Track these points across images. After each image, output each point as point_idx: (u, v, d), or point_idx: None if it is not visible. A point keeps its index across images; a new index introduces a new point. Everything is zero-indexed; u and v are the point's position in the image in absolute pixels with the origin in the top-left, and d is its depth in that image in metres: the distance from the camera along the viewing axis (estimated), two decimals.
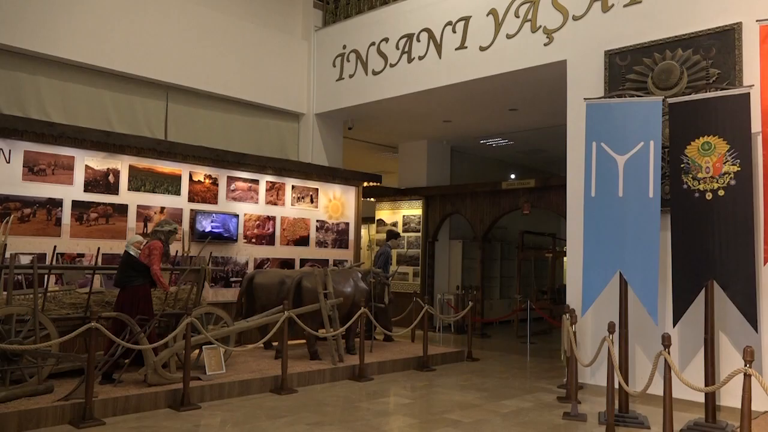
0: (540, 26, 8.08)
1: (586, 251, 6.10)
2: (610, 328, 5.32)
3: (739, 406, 3.85)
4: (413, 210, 13.10)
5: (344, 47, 10.74)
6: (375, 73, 10.20)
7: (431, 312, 8.83)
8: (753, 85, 5.68)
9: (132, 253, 6.31)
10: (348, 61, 10.66)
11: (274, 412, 5.77)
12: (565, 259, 10.39)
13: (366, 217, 13.50)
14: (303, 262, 10.10)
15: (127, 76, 8.83)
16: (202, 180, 8.95)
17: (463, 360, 8.98)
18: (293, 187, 10.16)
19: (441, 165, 13.65)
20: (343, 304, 7.91)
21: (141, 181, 8.28)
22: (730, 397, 5.77)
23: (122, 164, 8.13)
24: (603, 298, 6.12)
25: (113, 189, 8.01)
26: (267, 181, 9.79)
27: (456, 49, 9.07)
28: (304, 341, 8.07)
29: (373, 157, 15.31)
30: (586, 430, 5.44)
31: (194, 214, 8.70)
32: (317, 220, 10.47)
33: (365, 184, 11.63)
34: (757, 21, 5.59)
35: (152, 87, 9.17)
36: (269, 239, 9.74)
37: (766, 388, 3.72)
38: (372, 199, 13.74)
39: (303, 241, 10.23)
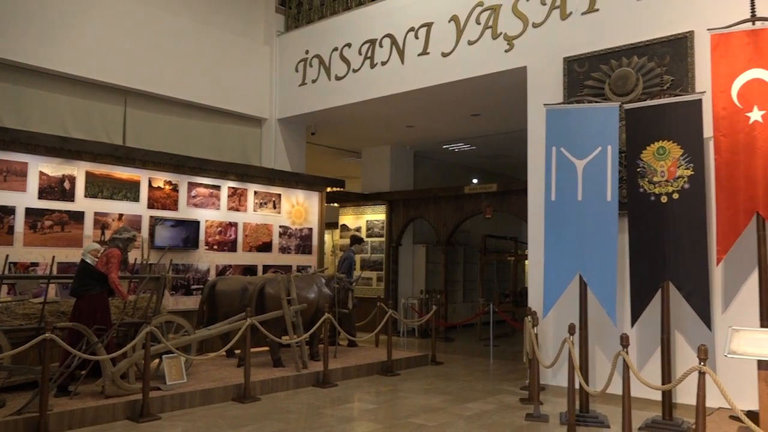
0: (501, 33, 8.20)
1: (546, 254, 6.20)
2: (571, 329, 5.41)
3: (695, 403, 3.95)
4: (377, 215, 13.11)
5: (307, 52, 10.71)
6: (338, 79, 10.19)
7: (395, 316, 8.84)
8: (705, 92, 5.86)
9: (89, 261, 6.15)
10: (311, 66, 10.63)
11: (237, 421, 5.69)
12: (526, 262, 10.53)
13: (329, 223, 13.48)
14: (266, 268, 10.01)
15: (84, 80, 8.62)
16: (162, 186, 8.79)
17: (427, 364, 9.02)
18: (256, 192, 10.07)
19: (404, 170, 13.70)
20: (306, 310, 7.86)
21: (98, 187, 8.09)
22: (686, 394, 5.91)
23: (78, 170, 7.93)
24: (563, 300, 6.22)
25: (69, 196, 7.80)
26: (229, 187, 9.68)
27: (419, 54, 9.13)
28: (267, 348, 7.98)
29: (336, 162, 15.28)
30: (548, 431, 5.51)
31: (154, 221, 8.54)
32: (280, 226, 10.39)
33: (328, 189, 11.61)
34: (708, 30, 5.77)
35: (110, 91, 8.98)
36: (231, 245, 9.62)
37: (720, 385, 3.83)
38: (335, 205, 13.70)
39: (266, 247, 10.13)
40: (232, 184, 9.72)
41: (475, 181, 15.43)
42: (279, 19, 11.36)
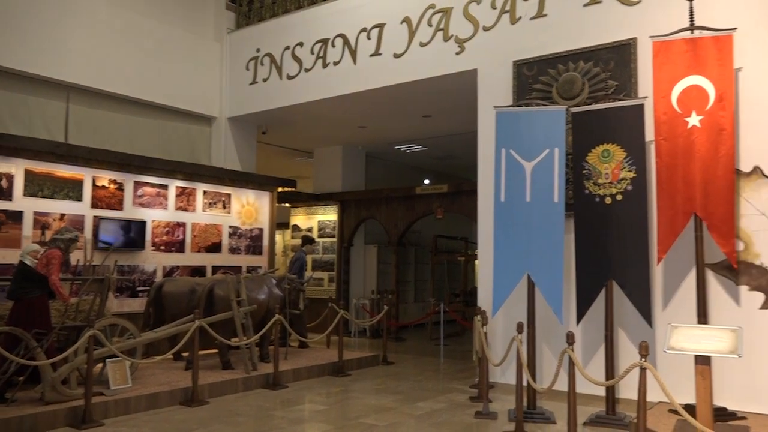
0: (452, 36, 8.28)
1: (496, 254, 6.29)
2: (519, 328, 5.51)
3: (636, 398, 4.08)
4: (328, 215, 13.06)
5: (258, 51, 10.58)
6: (290, 78, 10.11)
7: (347, 317, 8.82)
8: (647, 97, 6.07)
9: (28, 263, 5.91)
10: (262, 64, 10.51)
11: (184, 426, 5.57)
12: (476, 262, 10.67)
13: (281, 223, 13.34)
14: (215, 269, 9.83)
15: (23, 74, 8.29)
16: (107, 185, 8.53)
17: (379, 364, 9.03)
18: (205, 192, 9.88)
19: (356, 170, 13.69)
20: (257, 312, 7.76)
21: (38, 186, 7.79)
22: (628, 389, 6.09)
23: (17, 168, 7.60)
24: (512, 299, 6.33)
25: (6, 195, 7.48)
26: (177, 187, 9.47)
27: (371, 55, 9.14)
28: (216, 351, 7.84)
29: (287, 162, 15.15)
30: (497, 428, 5.60)
31: (97, 221, 8.28)
32: (230, 226, 10.23)
33: (280, 189, 11.49)
34: (650, 37, 5.97)
35: (51, 87, 8.66)
36: (179, 246, 9.41)
37: (660, 380, 3.97)
38: (287, 205, 13.58)
39: (215, 247, 9.96)
40: (180, 183, 9.51)
41: (426, 181, 15.54)
42: (230, 16, 11.19)
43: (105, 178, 8.51)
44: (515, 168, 6.25)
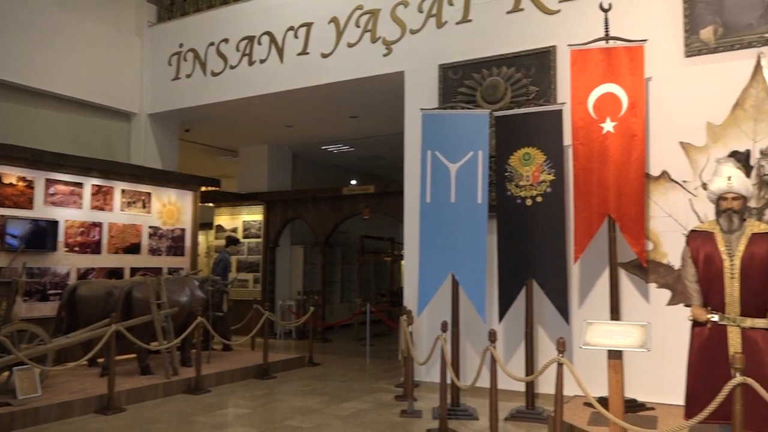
0: (379, 37, 8.33)
1: (421, 255, 6.37)
2: (443, 327, 5.60)
3: (554, 392, 4.23)
4: (254, 215, 12.84)
5: (181, 46, 10.27)
6: (214, 74, 9.87)
7: (272, 319, 8.70)
8: (565, 103, 6.31)
9: None
10: (185, 60, 10.21)
11: None
12: (402, 262, 10.77)
13: (204, 223, 12.98)
14: (134, 271, 9.45)
15: None
16: (15, 183, 8.04)
17: (305, 365, 8.96)
18: (123, 191, 9.48)
19: (282, 170, 13.53)
20: (178, 314, 7.52)
21: None
22: (547, 384, 6.31)
23: None
24: (437, 298, 6.42)
25: None
26: (93, 185, 9.04)
27: (298, 54, 9.06)
28: (134, 355, 7.55)
29: (211, 160, 14.78)
30: (421, 426, 5.67)
31: (4, 220, 7.79)
32: (150, 227, 9.87)
33: (203, 188, 11.18)
34: (568, 45, 6.22)
35: None
36: (95, 247, 8.99)
37: (575, 374, 4.13)
38: (210, 204, 13.24)
39: (134, 248, 9.58)
40: (96, 181, 9.08)
41: (353, 182, 15.55)
42: (151, 9, 10.80)
43: (13, 175, 8.01)
44: (441, 170, 6.36)
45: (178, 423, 5.76)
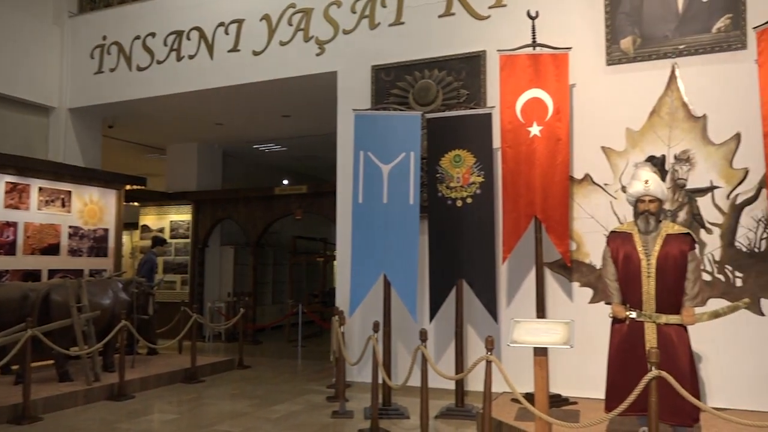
0: (312, 36, 8.28)
1: (353, 255, 6.38)
2: (375, 327, 5.63)
3: (483, 390, 4.32)
4: (182, 215, 12.49)
5: (104, 38, 9.86)
6: (140, 69, 9.54)
7: (200, 321, 8.49)
8: (494, 107, 6.47)
9: None
10: (109, 53, 9.82)
11: None
12: (335, 262, 10.75)
13: (129, 223, 12.53)
14: (52, 273, 8.99)
15: None
16: None
17: (234, 368, 8.79)
18: (41, 189, 9.00)
19: (212, 169, 13.22)
20: (100, 318, 7.21)
21: None
22: (476, 382, 6.44)
23: None
24: (369, 299, 6.44)
25: None
26: (6, 182, 8.53)
27: (229, 51, 8.88)
28: (52, 361, 7.18)
29: (137, 158, 14.27)
30: (353, 426, 5.67)
31: None
32: (70, 226, 9.41)
33: (128, 187, 10.77)
34: (497, 51, 6.38)
35: None
36: (9, 248, 8.50)
37: (503, 371, 4.24)
38: (136, 204, 12.79)
39: (52, 249, 9.11)
40: (10, 178, 8.57)
41: (285, 182, 15.39)
42: None
43: None
44: (373, 170, 6.38)
45: (99, 431, 5.53)
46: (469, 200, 6.31)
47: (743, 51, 5.97)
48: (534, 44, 6.20)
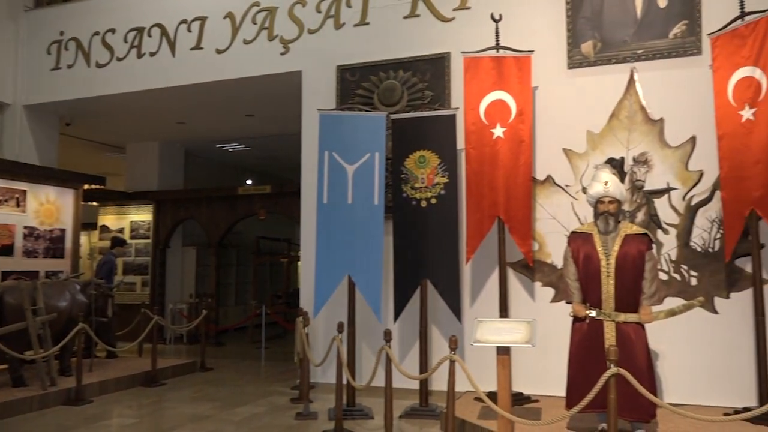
0: (277, 35, 8.22)
1: (318, 255, 6.35)
2: (339, 327, 5.61)
3: (447, 389, 4.35)
4: (142, 215, 12.24)
5: (62, 34, 9.62)
6: (99, 66, 9.33)
7: (161, 323, 8.34)
8: (458, 108, 6.52)
9: None
10: (66, 49, 9.57)
11: None
12: (299, 263, 10.68)
13: (87, 223, 12.23)
14: (6, 274, 8.71)
15: None
16: None
17: (196, 371, 8.65)
18: None
19: (174, 168, 13.00)
20: (57, 320, 7.01)
21: None
22: (440, 381, 6.47)
23: None
24: (334, 299, 6.42)
25: None
26: None
27: (191, 49, 8.76)
28: (5, 366, 6.96)
29: (96, 157, 13.93)
30: (317, 428, 5.64)
31: None
32: (25, 227, 9.13)
33: (86, 186, 10.51)
34: (462, 53, 6.43)
35: None
36: None
37: (466, 370, 4.28)
38: (95, 203, 12.49)
39: (6, 250, 8.82)
40: None
41: (249, 182, 15.24)
42: None
43: None
44: (338, 170, 6.36)
45: None
46: (433, 201, 6.35)
47: (698, 56, 6.15)
48: (497, 47, 6.27)
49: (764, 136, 5.19)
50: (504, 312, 6.05)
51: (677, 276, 6.08)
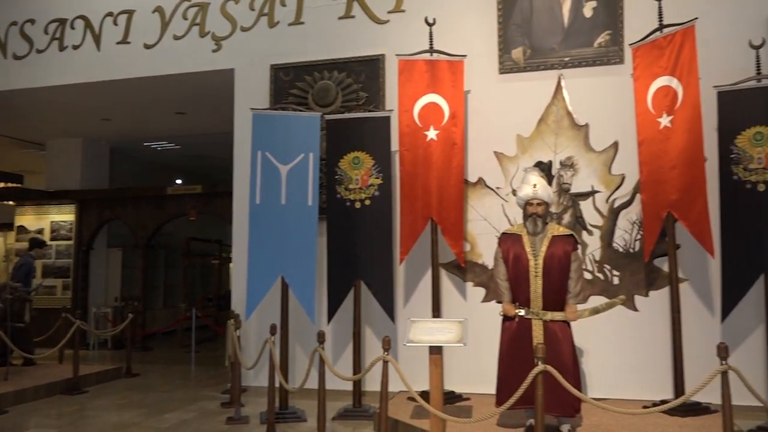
0: (209, 32, 8.04)
1: (250, 257, 6.25)
2: (272, 330, 5.54)
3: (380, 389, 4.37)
4: (64, 215, 11.69)
5: None
6: (17, 58, 8.87)
7: (84, 328, 8.00)
8: (392, 110, 6.56)
9: None
10: None
11: None
12: (231, 265, 10.49)
13: (3, 224, 11.60)
14: None
15: None
16: None
17: (122, 377, 8.35)
18: None
19: (99, 167, 12.47)
20: None
21: None
22: (374, 382, 6.48)
23: None
24: (266, 301, 6.32)
25: None
26: None
27: (118, 43, 8.45)
28: None
29: (13, 153, 13.19)
30: None
31: None
32: None
33: (2, 184, 9.96)
34: (396, 55, 6.47)
35: None
36: None
37: (399, 370, 4.31)
38: (11, 203, 11.84)
39: None
40: None
41: (179, 181, 14.83)
42: None
43: None
44: (271, 171, 6.28)
45: None
46: (367, 202, 6.36)
47: (621, 65, 6.43)
48: (431, 50, 6.35)
49: (680, 142, 5.49)
50: (436, 312, 6.13)
51: (601, 275, 6.34)
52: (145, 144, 12.66)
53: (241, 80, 7.79)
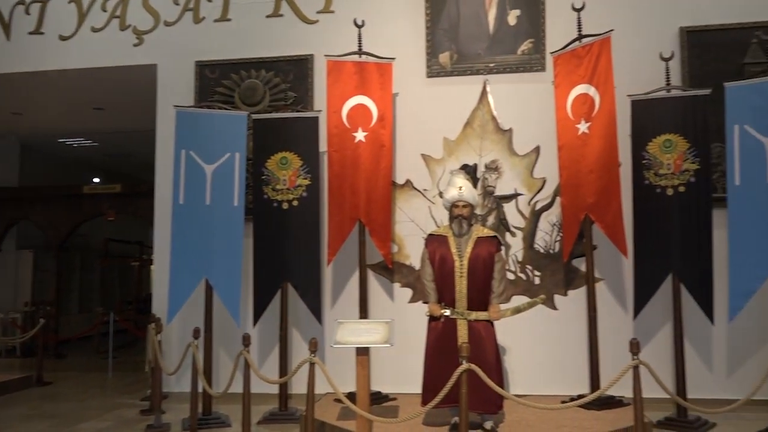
0: (130, 25, 7.73)
1: (173, 258, 6.07)
2: (195, 333, 5.40)
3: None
4: None
5: None
6: None
7: None
8: (321, 111, 6.53)
9: None
10: None
11: None
12: (152, 267, 10.14)
13: None
14: None
15: None
16: None
17: (32, 386, 7.91)
18: None
19: (7, 163, 11.78)
20: None
21: None
22: (301, 385, 6.41)
23: None
24: (189, 304, 6.15)
25: None
26: None
27: (30, 33, 7.99)
28: None
29: None
30: None
31: None
32: None
33: None
34: (325, 56, 6.45)
35: None
36: None
37: (325, 372, 4.30)
38: None
39: None
40: None
41: (96, 180, 14.19)
42: None
43: None
44: (195, 170, 6.12)
45: None
46: (295, 203, 6.30)
47: (543, 73, 6.66)
48: (360, 52, 6.37)
49: (597, 148, 5.75)
50: (364, 313, 6.15)
51: (523, 276, 6.54)
52: (59, 140, 12.05)
53: (164, 76, 7.54)
